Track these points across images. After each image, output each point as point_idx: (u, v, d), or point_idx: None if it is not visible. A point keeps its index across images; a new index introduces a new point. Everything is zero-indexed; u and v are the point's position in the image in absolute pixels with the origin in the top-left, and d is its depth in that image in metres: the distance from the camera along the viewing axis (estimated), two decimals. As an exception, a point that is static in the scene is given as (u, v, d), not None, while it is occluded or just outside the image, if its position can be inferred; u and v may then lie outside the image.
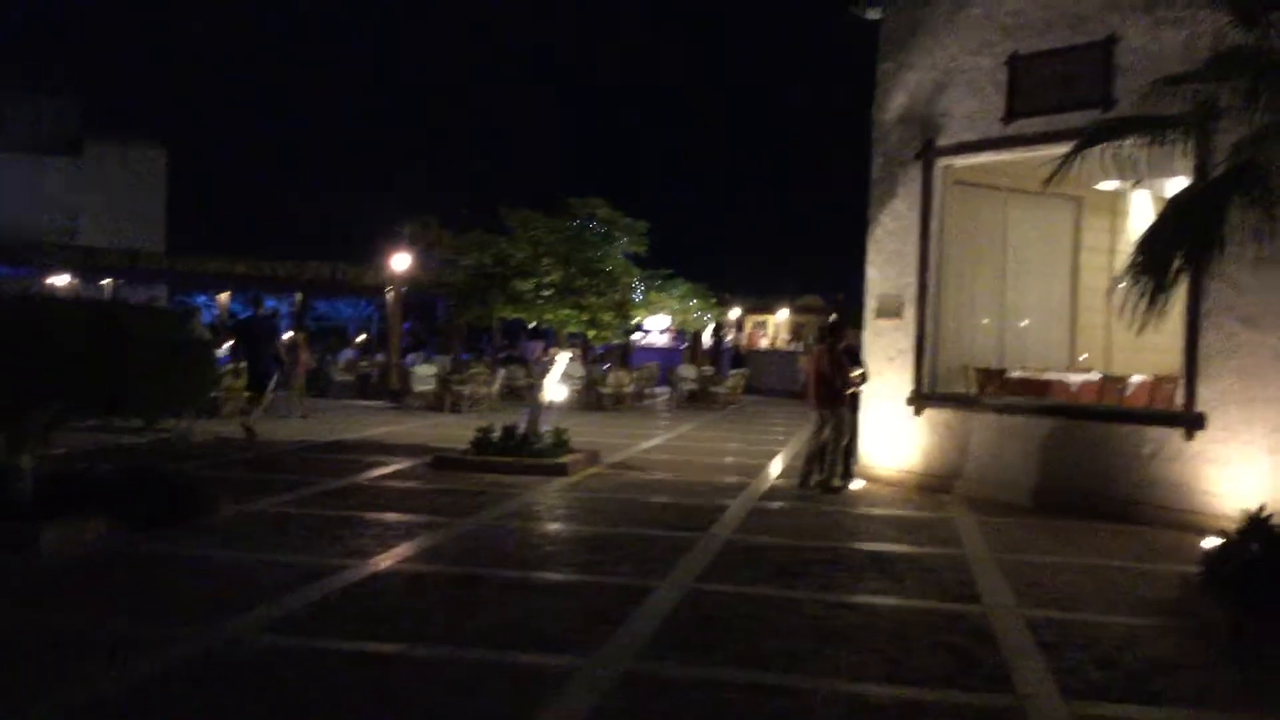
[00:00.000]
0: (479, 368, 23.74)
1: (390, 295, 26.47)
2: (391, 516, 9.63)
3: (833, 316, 14.09)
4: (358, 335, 37.66)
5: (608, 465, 13.71)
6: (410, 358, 26.09)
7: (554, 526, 9.66)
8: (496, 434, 13.18)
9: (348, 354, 30.10)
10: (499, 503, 10.51)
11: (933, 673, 5.58)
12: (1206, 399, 10.10)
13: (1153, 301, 6.69)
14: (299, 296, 35.28)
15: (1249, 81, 6.45)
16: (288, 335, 21.89)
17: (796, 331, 42.03)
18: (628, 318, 15.04)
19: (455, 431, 16.10)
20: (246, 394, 16.01)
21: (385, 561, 7.78)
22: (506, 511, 10.10)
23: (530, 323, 15.88)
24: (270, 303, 45.86)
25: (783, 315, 43.03)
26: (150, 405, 9.29)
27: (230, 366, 18.38)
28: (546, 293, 13.55)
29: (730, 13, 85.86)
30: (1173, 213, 6.99)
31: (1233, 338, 9.90)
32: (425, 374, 22.39)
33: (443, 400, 21.60)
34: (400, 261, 24.69)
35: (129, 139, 41.29)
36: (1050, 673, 5.62)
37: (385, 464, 13.11)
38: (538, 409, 13.57)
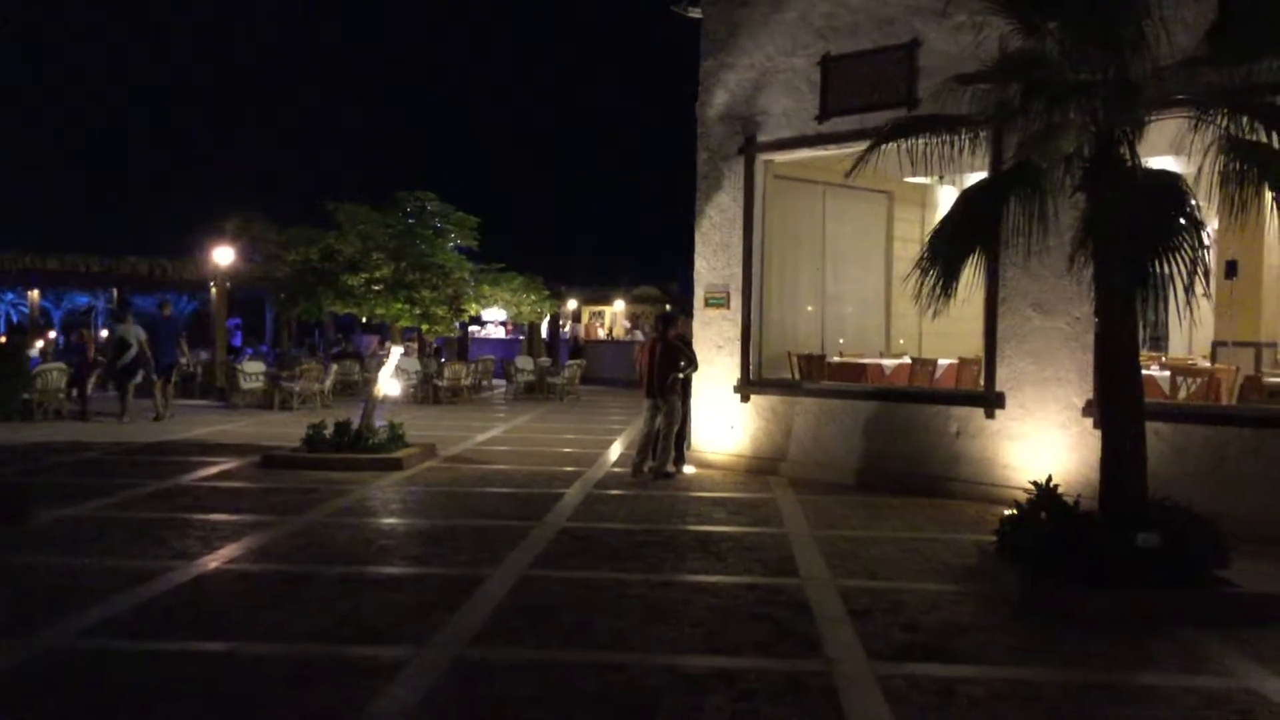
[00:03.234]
0: (310, 364, 23.27)
1: (214, 290, 25.62)
2: (219, 517, 9.45)
3: (666, 306, 14.40)
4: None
5: (444, 458, 13.72)
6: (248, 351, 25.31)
7: (388, 521, 9.66)
8: (329, 430, 13.02)
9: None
10: (331, 499, 10.43)
11: (749, 642, 5.92)
12: (1005, 379, 10.86)
13: (945, 288, 7.20)
14: (115, 292, 33.70)
15: (1025, 86, 7.02)
16: (75, 333, 21.10)
17: (634, 321, 42.67)
18: (461, 311, 15.03)
19: (286, 429, 15.80)
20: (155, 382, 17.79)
21: (212, 562, 7.67)
22: (339, 508, 10.04)
23: (363, 317, 15.75)
24: (83, 299, 43.79)
25: (620, 306, 43.58)
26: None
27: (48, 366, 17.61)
28: (377, 287, 13.40)
29: (564, 9, 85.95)
30: (962, 206, 7.53)
31: (1027, 322, 10.67)
32: (253, 371, 21.79)
33: (272, 398, 21.08)
34: (223, 255, 23.91)
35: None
36: (858, 637, 6.04)
37: (212, 464, 12.78)
38: (371, 404, 13.47)
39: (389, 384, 13.70)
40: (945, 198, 15.14)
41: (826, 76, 12.23)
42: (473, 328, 36.85)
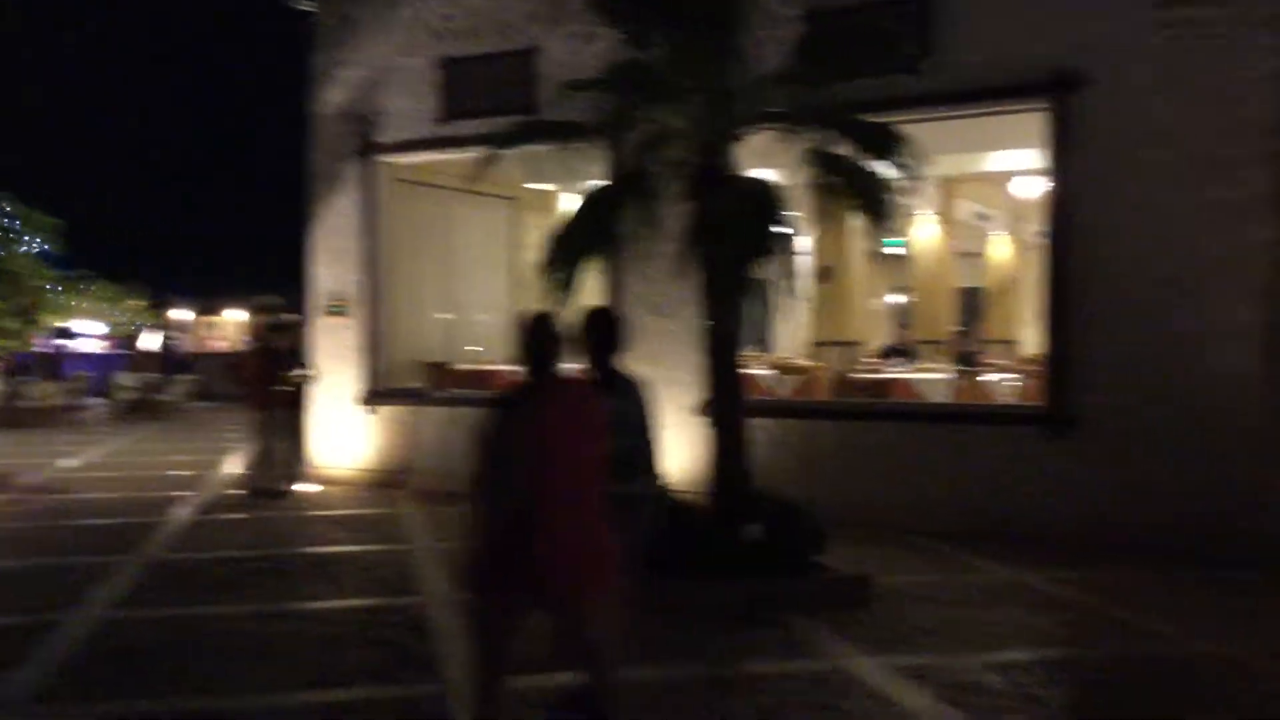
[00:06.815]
0: None
1: None
2: None
3: (279, 315, 13.51)
4: None
5: (21, 489, 12.10)
6: None
7: (-59, 567, 8.30)
8: None
9: None
10: None
11: (364, 671, 5.54)
12: (625, 382, 11.08)
13: (566, 293, 7.17)
14: None
15: (634, 95, 7.15)
16: None
17: (255, 332, 40.29)
18: (37, 323, 13.34)
19: None
20: None
21: None
22: (-123, 555, 8.51)
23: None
24: None
25: (238, 315, 41.04)
26: None
27: None
28: (-69, 298, 11.61)
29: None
30: (582, 211, 7.55)
31: (644, 325, 10.96)
32: None
33: None
34: None
35: None
36: (480, 654, 5.81)
37: None
38: (-75, 431, 11.61)
39: (-51, 407, 11.88)
40: (569, 204, 15.36)
41: (447, 79, 11.97)
42: (65, 341, 33.17)
